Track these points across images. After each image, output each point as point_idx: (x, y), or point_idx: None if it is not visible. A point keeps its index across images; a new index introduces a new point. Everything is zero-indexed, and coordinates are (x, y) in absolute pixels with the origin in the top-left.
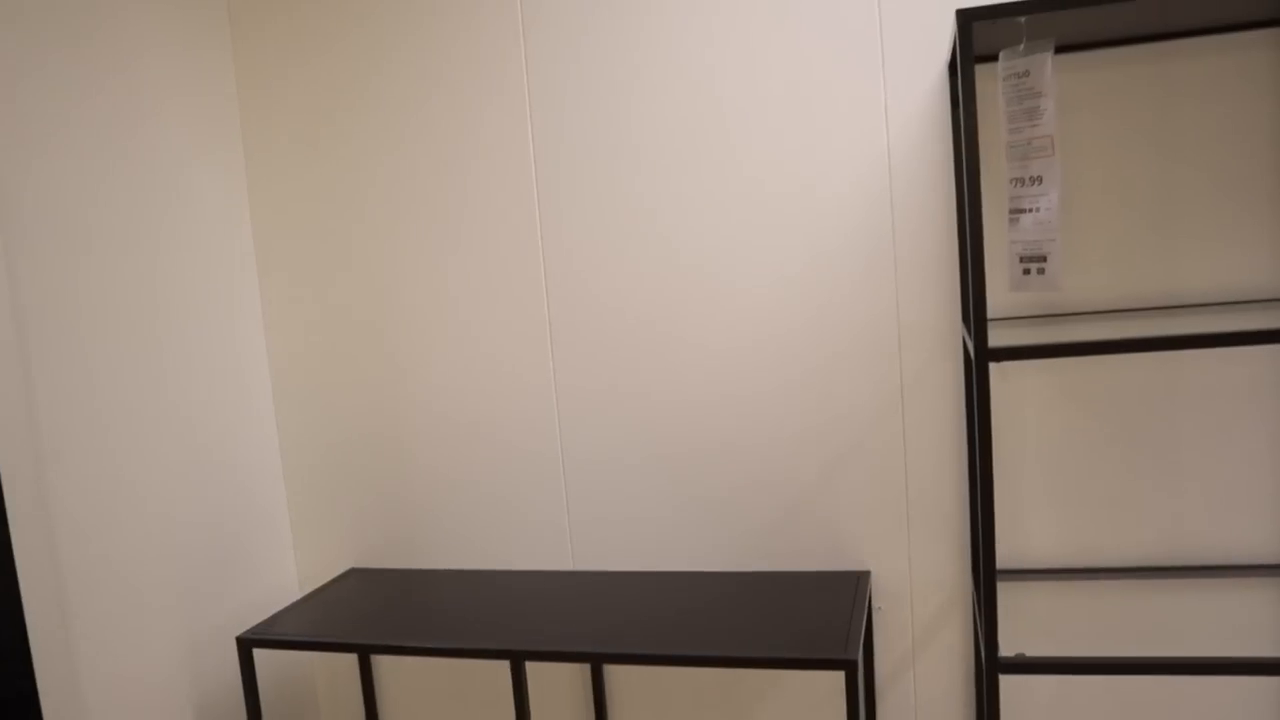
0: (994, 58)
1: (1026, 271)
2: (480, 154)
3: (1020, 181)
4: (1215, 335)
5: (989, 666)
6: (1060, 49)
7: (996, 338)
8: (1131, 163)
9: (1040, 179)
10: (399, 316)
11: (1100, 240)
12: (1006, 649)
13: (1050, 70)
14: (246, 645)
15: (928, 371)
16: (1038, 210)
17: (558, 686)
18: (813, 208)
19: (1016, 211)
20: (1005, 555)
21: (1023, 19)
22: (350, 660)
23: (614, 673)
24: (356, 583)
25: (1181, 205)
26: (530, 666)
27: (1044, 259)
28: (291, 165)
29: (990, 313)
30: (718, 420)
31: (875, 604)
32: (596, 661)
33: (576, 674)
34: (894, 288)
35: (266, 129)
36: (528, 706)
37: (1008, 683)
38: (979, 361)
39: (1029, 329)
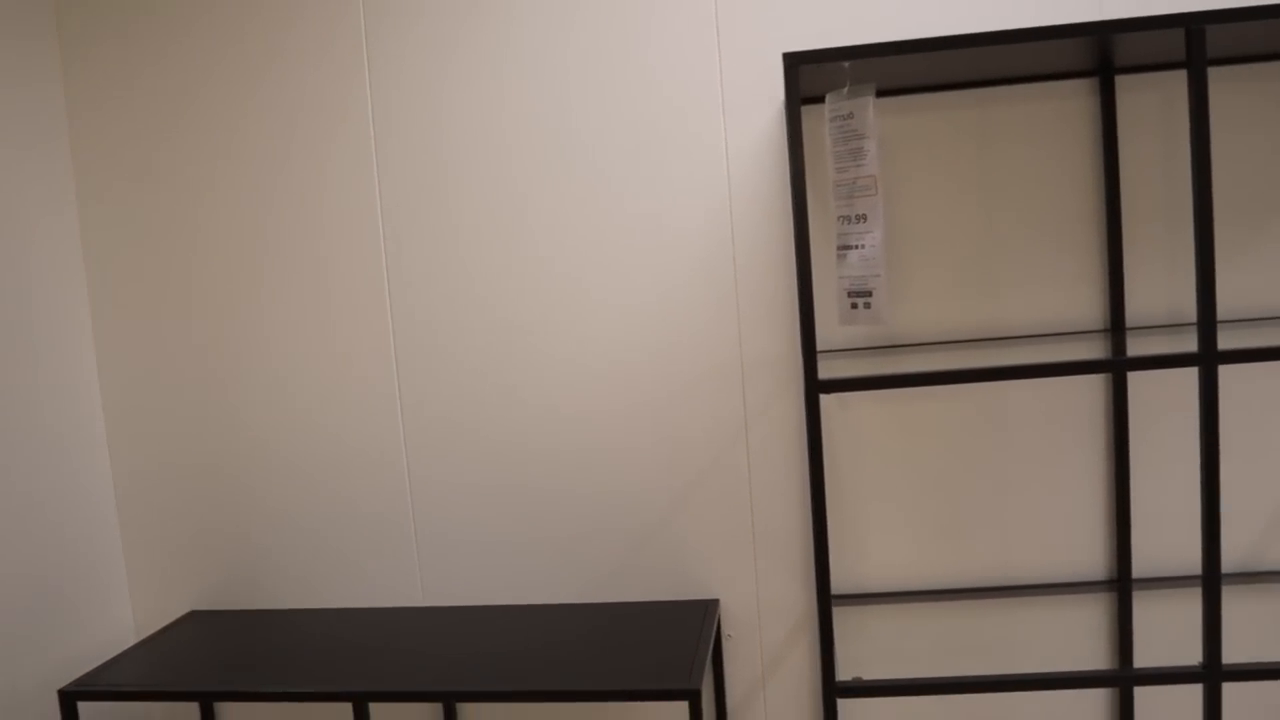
0: (823, 99)
1: (854, 306)
2: (323, 180)
3: (847, 219)
4: (1029, 366)
5: (826, 691)
6: (888, 92)
7: (835, 369)
8: (958, 202)
9: (865, 217)
10: (237, 347)
11: (931, 276)
12: (850, 671)
13: (872, 113)
14: (70, 699)
15: (771, 402)
16: (863, 247)
17: None
18: (660, 240)
19: (844, 248)
20: (847, 580)
21: (846, 64)
22: (193, 711)
23: (467, 710)
24: (196, 626)
25: (1004, 243)
26: (383, 707)
27: (870, 294)
28: (125, 193)
29: (830, 345)
30: (567, 452)
31: (725, 631)
32: (441, 700)
33: (429, 713)
34: (736, 320)
35: (98, 158)
36: None
37: (853, 705)
38: (808, 392)
39: (867, 360)
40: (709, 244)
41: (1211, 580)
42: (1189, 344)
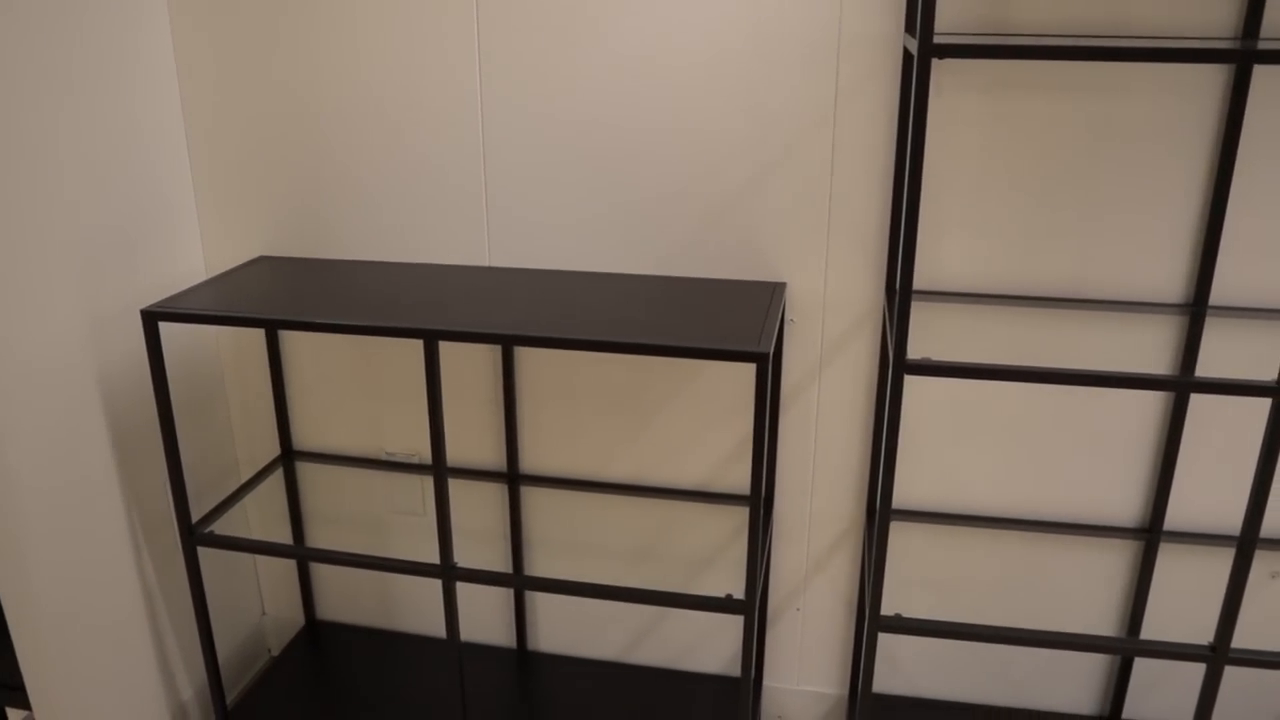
0: None
1: None
2: None
3: None
4: (1144, 49)
5: (895, 368)
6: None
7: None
8: None
9: None
10: None
11: None
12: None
13: None
14: (152, 319)
15: (866, 83)
16: None
17: (465, 376)
18: None
19: None
20: (921, 277)
21: None
22: (258, 340)
23: (524, 362)
24: (266, 268)
25: None
26: (443, 354)
27: None
28: None
29: (948, 26)
30: (645, 121)
31: (789, 316)
32: (506, 344)
33: (488, 361)
34: None
35: None
36: (440, 387)
37: (908, 392)
38: (921, 58)
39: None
40: None
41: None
42: None
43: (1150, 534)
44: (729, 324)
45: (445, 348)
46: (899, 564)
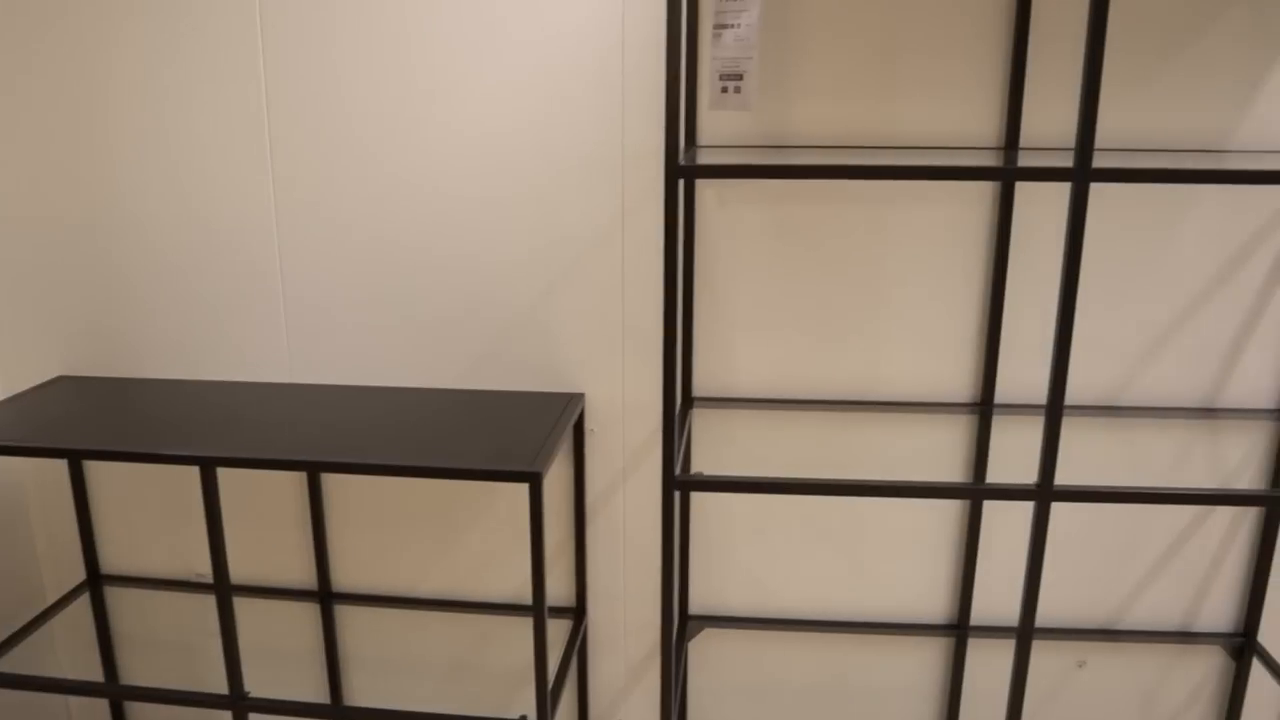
0: None
1: (724, 90)
2: None
3: None
4: (888, 168)
5: (665, 483)
6: None
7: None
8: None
9: None
10: (110, 110)
11: (827, 77)
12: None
13: None
14: None
15: (650, 196)
16: (738, 26)
17: (272, 494)
18: (543, 19)
19: (719, 27)
20: (715, 383)
21: None
22: (61, 470)
23: (331, 478)
24: (64, 389)
25: (905, 48)
26: (246, 475)
27: (741, 77)
28: None
29: (715, 140)
30: (438, 237)
31: (589, 426)
32: (279, 468)
33: (294, 478)
34: (621, 107)
35: None
36: (219, 512)
37: (709, 509)
38: (668, 177)
39: (752, 156)
40: (597, 25)
41: (1055, 406)
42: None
43: (959, 630)
44: (515, 440)
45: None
46: (717, 670)
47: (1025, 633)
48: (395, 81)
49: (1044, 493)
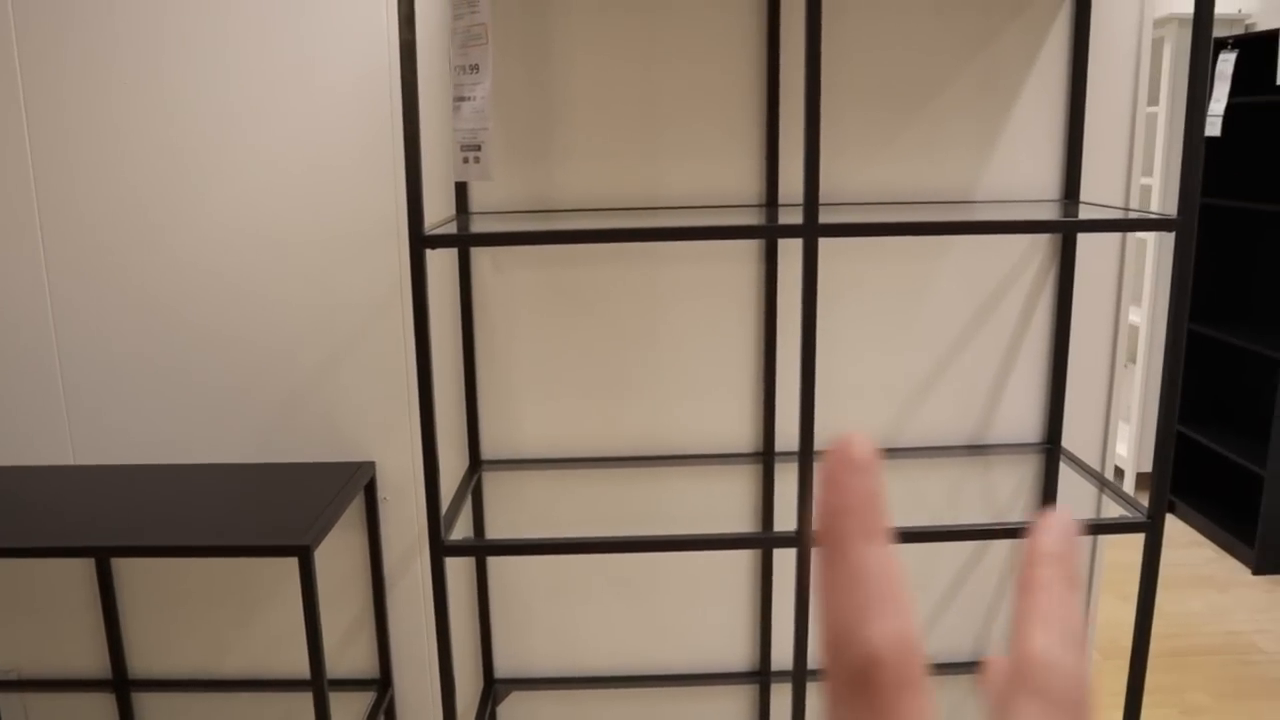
0: None
1: (466, 160)
2: None
3: (462, 69)
4: (649, 230)
5: (433, 550)
6: None
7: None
8: (625, 68)
9: (477, 67)
10: None
11: (596, 141)
12: (500, 535)
13: None
14: None
15: (429, 263)
16: (474, 99)
17: (61, 580)
18: (312, 91)
19: (459, 100)
20: (502, 445)
21: None
22: None
23: (123, 568)
24: None
25: (669, 112)
26: (31, 562)
27: (479, 148)
28: None
29: (486, 206)
30: (223, 309)
31: (382, 495)
32: (50, 555)
33: (83, 570)
34: (393, 177)
35: None
36: None
37: (506, 572)
38: (413, 246)
39: (521, 220)
40: (369, 97)
41: (806, 453)
42: (837, 219)
43: (761, 676)
44: (294, 513)
45: None
46: None
47: (799, 676)
48: (169, 158)
49: (803, 538)
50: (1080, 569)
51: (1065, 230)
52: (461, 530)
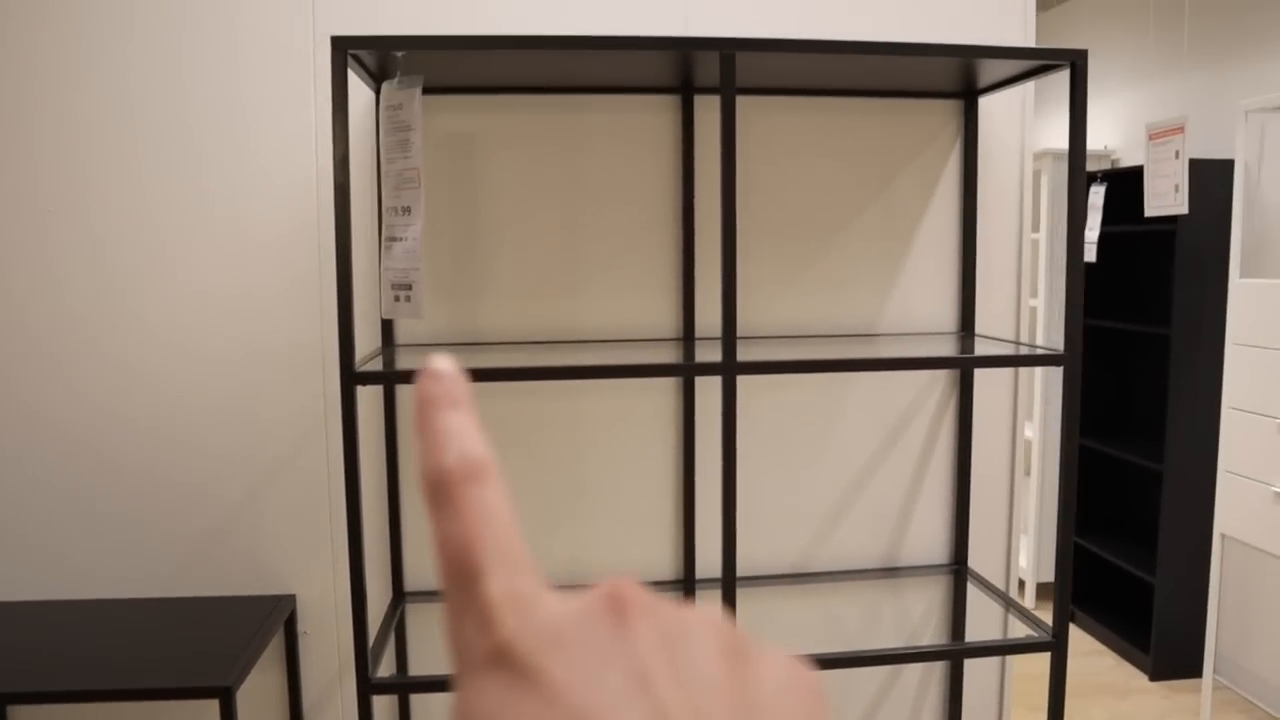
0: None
1: (397, 299)
2: None
3: (394, 210)
4: (567, 369)
5: (360, 689)
6: (480, 89)
7: (415, 362)
8: (544, 208)
9: (409, 209)
10: None
11: (516, 277)
12: (424, 668)
13: (419, 105)
14: None
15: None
16: (406, 239)
17: None
18: (239, 225)
19: (390, 240)
20: (426, 578)
21: (400, 53)
22: None
23: (25, 716)
24: None
25: (588, 249)
26: None
27: (410, 287)
28: None
29: (412, 339)
30: (140, 439)
31: (302, 628)
32: None
33: None
34: (319, 310)
35: None
36: None
37: (425, 704)
38: (344, 384)
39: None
40: (294, 232)
41: (728, 581)
42: (751, 354)
43: None
44: (214, 651)
45: None
46: None
47: None
48: (90, 281)
49: None
50: None
51: (964, 366)
52: (386, 666)
